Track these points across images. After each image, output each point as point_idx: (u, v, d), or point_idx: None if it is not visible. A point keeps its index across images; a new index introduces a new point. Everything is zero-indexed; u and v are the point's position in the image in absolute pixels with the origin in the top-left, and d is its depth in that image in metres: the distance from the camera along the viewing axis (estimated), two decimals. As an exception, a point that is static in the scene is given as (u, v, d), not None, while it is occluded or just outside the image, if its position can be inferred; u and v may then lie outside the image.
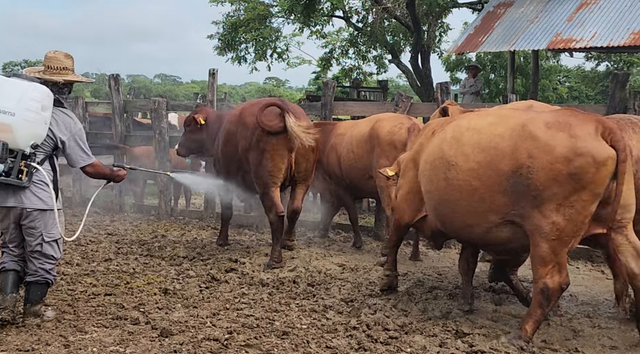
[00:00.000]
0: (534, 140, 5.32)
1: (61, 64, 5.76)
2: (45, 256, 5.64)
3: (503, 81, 27.51)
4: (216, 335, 5.34)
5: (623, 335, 5.79)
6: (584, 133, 5.23)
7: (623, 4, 16.28)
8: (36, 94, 5.35)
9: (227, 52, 25.17)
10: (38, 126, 5.40)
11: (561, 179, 5.19)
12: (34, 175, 5.46)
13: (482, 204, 5.59)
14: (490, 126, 5.68)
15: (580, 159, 5.16)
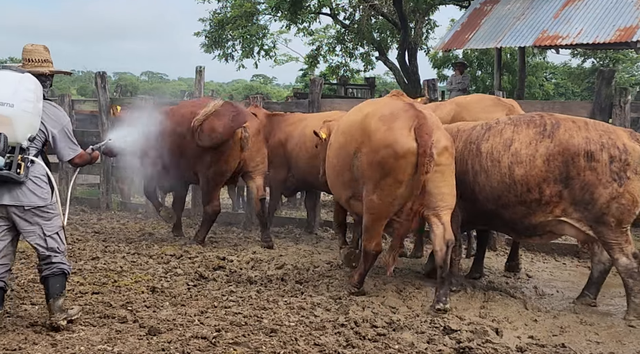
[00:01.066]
0: (366, 129, 6.35)
1: (42, 56, 5.68)
2: (51, 249, 5.48)
3: (490, 78, 27.63)
4: (204, 333, 5.33)
5: (609, 330, 5.83)
6: (397, 127, 6.16)
7: (608, 1, 16.38)
8: (30, 85, 5.27)
9: (214, 50, 25.15)
10: (34, 117, 5.31)
11: (374, 165, 6.23)
12: (30, 170, 5.34)
13: (341, 179, 6.81)
14: (354, 114, 6.80)
15: (385, 149, 6.14)
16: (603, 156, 6.04)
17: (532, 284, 7.36)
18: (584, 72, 36.94)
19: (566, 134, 6.21)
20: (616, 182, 6.01)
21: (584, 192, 6.12)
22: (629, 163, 6.03)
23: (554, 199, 6.25)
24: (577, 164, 6.10)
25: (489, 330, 5.60)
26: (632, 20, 15.44)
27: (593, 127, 6.22)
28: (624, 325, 5.97)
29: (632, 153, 6.05)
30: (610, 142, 6.08)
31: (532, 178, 6.27)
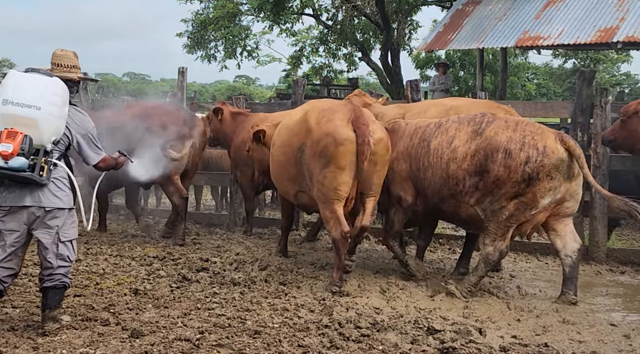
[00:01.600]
0: (308, 124, 6.92)
1: (71, 62, 5.71)
2: (60, 257, 5.43)
3: (472, 78, 27.75)
4: (187, 335, 5.30)
5: (591, 329, 5.87)
6: (336, 118, 6.76)
7: (589, 2, 16.50)
8: (58, 89, 5.29)
9: (197, 50, 25.08)
10: (60, 121, 5.32)
11: (317, 155, 6.74)
12: (52, 172, 5.34)
13: (287, 175, 7.33)
14: (296, 113, 7.44)
15: (326, 138, 6.69)
16: (520, 156, 6.30)
17: (515, 284, 7.39)
18: (565, 72, 37.25)
19: (492, 131, 6.52)
20: (525, 183, 6.30)
21: (495, 185, 6.44)
22: (543, 165, 6.27)
23: (470, 190, 6.61)
24: (495, 159, 6.40)
25: (473, 330, 5.61)
26: (612, 21, 15.56)
27: (521, 128, 6.47)
28: (606, 324, 6.02)
29: (550, 155, 6.28)
30: (532, 143, 6.32)
31: (460, 172, 6.65)
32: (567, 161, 6.36)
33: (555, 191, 6.40)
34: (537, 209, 6.44)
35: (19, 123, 5.11)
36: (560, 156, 6.31)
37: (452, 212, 6.92)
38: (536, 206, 6.41)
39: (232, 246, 8.89)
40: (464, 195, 6.66)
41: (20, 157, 5.07)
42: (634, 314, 6.48)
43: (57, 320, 5.50)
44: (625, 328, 5.92)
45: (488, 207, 6.53)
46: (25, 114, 5.12)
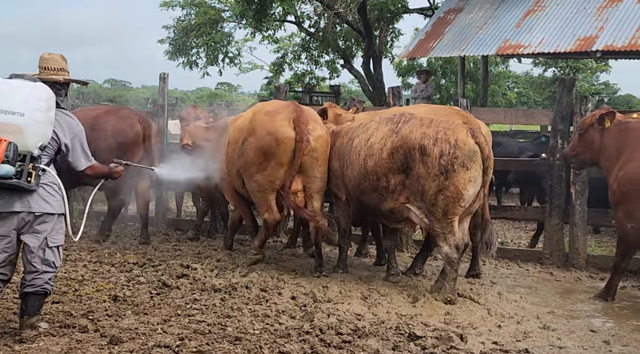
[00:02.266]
0: (253, 122, 7.60)
1: (58, 65, 5.68)
2: (46, 262, 5.39)
3: (454, 86, 27.90)
4: (167, 342, 5.26)
5: (571, 335, 5.90)
6: (278, 119, 7.43)
7: (569, 11, 16.64)
8: (42, 94, 5.25)
9: (178, 57, 25.02)
10: (46, 126, 5.28)
11: (259, 150, 7.45)
12: (41, 178, 5.31)
13: (235, 169, 7.92)
14: (246, 113, 8.05)
15: (268, 137, 7.40)
16: (434, 150, 6.61)
17: (496, 291, 7.41)
18: (545, 81, 37.53)
19: (408, 129, 6.85)
20: (443, 176, 6.57)
21: (418, 183, 6.73)
22: (456, 157, 6.55)
23: (398, 188, 6.91)
24: (413, 156, 6.72)
25: (454, 336, 5.61)
26: (591, 31, 15.70)
27: (435, 124, 6.78)
28: (586, 330, 6.06)
29: (462, 148, 6.57)
30: (444, 138, 6.63)
31: (379, 168, 6.99)
32: (479, 153, 6.64)
33: (476, 182, 6.67)
34: (464, 200, 6.67)
35: (2, 130, 5.05)
36: (471, 147, 6.60)
37: (375, 206, 7.22)
38: (462, 197, 6.65)
39: (213, 253, 8.83)
40: (390, 192, 6.97)
41: (4, 164, 5.03)
42: (614, 320, 6.51)
43: (35, 327, 5.43)
44: (605, 334, 5.95)
45: (422, 206, 6.80)
46: (8, 121, 5.07)
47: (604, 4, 16.40)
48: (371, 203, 7.24)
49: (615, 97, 46.00)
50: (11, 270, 5.43)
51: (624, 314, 6.71)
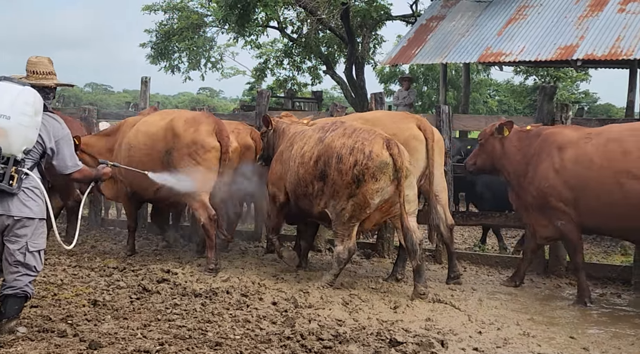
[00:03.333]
0: (174, 131, 8.24)
1: (47, 69, 5.72)
2: (26, 266, 5.39)
3: (435, 94, 28.02)
4: (147, 347, 5.22)
5: (550, 342, 5.93)
6: (202, 129, 8.18)
7: (550, 20, 16.76)
8: (29, 98, 5.26)
9: (160, 61, 24.92)
10: (31, 130, 5.28)
11: (186, 157, 8.10)
12: (23, 182, 5.30)
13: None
14: (159, 121, 8.54)
15: (195, 146, 8.11)
16: (350, 160, 7.01)
17: (476, 297, 7.43)
18: (526, 89, 37.75)
19: (331, 138, 7.27)
20: (354, 184, 6.98)
21: (333, 189, 7.16)
22: (368, 167, 6.93)
23: (319, 193, 7.34)
24: (330, 164, 7.14)
25: (435, 342, 5.62)
26: (572, 39, 15.83)
27: (356, 134, 7.16)
28: (565, 336, 6.09)
29: (375, 159, 6.94)
30: (360, 148, 7.00)
31: (308, 176, 7.40)
32: (392, 164, 6.96)
33: (383, 192, 7.03)
34: (370, 208, 7.10)
35: None
36: (384, 160, 6.94)
37: (308, 211, 7.64)
38: (369, 205, 7.07)
39: (194, 257, 8.79)
40: (315, 197, 7.41)
41: None
42: (593, 326, 6.55)
43: (13, 331, 5.40)
44: (584, 341, 5.99)
45: (333, 210, 7.23)
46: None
47: (585, 13, 16.54)
48: (305, 208, 7.68)
49: (594, 106, 46.39)
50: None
51: (603, 321, 6.76)
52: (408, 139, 7.72)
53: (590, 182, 7.02)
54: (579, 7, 16.85)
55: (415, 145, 7.75)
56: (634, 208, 6.76)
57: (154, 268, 8.02)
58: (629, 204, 6.78)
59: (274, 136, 8.47)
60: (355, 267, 8.82)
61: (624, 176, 6.78)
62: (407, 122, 7.93)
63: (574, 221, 7.26)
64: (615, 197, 6.84)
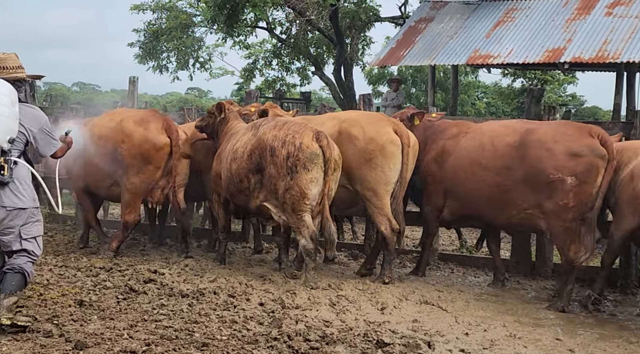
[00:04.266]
0: (125, 130, 8.51)
1: (16, 63, 5.88)
2: (24, 251, 5.62)
3: (424, 95, 28.08)
4: (133, 347, 5.20)
5: (537, 343, 5.95)
6: (152, 128, 8.49)
7: (538, 23, 16.85)
8: (4, 89, 5.47)
9: (148, 61, 24.83)
10: (12, 120, 5.48)
11: (136, 156, 8.43)
12: (13, 172, 5.46)
13: (102, 172, 8.70)
14: (109, 122, 8.77)
15: (146, 144, 8.44)
16: (282, 152, 7.27)
17: (463, 298, 7.45)
18: (514, 91, 37.85)
19: (263, 132, 7.51)
20: (289, 176, 7.25)
21: (270, 182, 7.39)
22: (299, 159, 7.21)
23: (257, 187, 7.60)
24: (265, 157, 7.39)
25: (422, 344, 5.63)
26: (559, 42, 15.92)
27: (287, 127, 7.44)
28: (551, 338, 6.11)
29: (305, 150, 7.22)
30: (291, 140, 7.27)
31: (242, 170, 7.67)
32: (321, 156, 7.25)
33: (317, 182, 7.31)
34: (309, 198, 7.32)
35: None
36: (314, 151, 7.23)
37: (244, 206, 7.96)
38: (306, 196, 7.30)
39: (181, 258, 8.77)
40: (252, 191, 7.67)
41: None
42: (579, 328, 6.58)
43: (12, 311, 5.50)
44: (570, 342, 6.02)
45: (276, 203, 7.47)
46: None
47: (572, 16, 16.65)
48: (241, 204, 7.98)
49: (581, 109, 46.54)
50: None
51: (589, 323, 6.79)
52: (385, 144, 7.72)
53: (459, 172, 7.72)
54: (567, 10, 16.96)
55: (393, 150, 7.73)
56: (485, 197, 7.53)
57: (140, 268, 8.00)
58: (481, 193, 7.55)
59: (221, 126, 8.71)
60: (342, 268, 8.83)
61: (477, 168, 7.50)
62: (384, 125, 7.87)
63: (440, 208, 8.03)
64: (472, 187, 7.59)
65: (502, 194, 7.39)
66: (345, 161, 7.72)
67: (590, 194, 6.95)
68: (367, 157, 7.70)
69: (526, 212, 7.32)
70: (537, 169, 7.12)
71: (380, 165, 7.69)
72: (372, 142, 7.69)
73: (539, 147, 7.13)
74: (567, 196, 6.96)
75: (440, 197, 7.97)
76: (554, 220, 7.10)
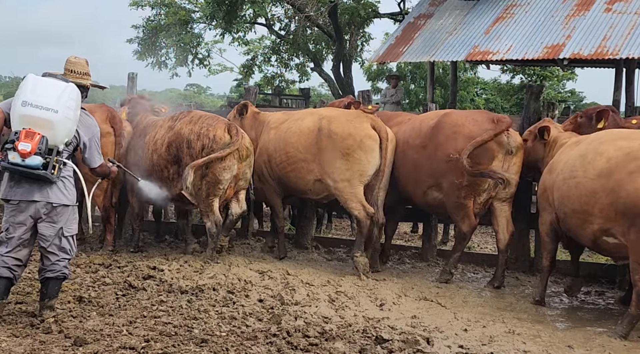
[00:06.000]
0: None
1: (84, 69, 6.14)
2: (62, 250, 5.82)
3: (423, 92, 28.02)
4: (132, 343, 5.21)
5: (535, 339, 5.96)
6: (96, 118, 7.52)
7: (537, 19, 16.80)
8: (73, 94, 5.69)
9: (147, 57, 24.74)
10: (73, 124, 5.73)
11: None
12: (62, 171, 5.70)
13: None
14: None
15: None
16: (197, 144, 8.00)
17: (462, 295, 7.46)
18: (513, 88, 37.82)
19: (180, 126, 8.20)
20: (204, 165, 7.88)
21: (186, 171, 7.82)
22: (213, 149, 7.91)
23: (175, 176, 8.23)
24: (182, 149, 8.10)
25: (420, 339, 5.64)
26: (559, 39, 15.88)
27: (201, 121, 8.15)
28: (549, 335, 6.11)
29: (218, 142, 7.95)
30: (205, 133, 8.00)
31: (162, 161, 8.33)
32: (234, 145, 7.95)
33: (230, 169, 8.03)
34: (222, 184, 8.06)
35: (36, 124, 5.49)
36: (226, 142, 7.96)
37: (167, 194, 8.33)
38: (220, 182, 8.03)
39: (180, 254, 8.76)
40: (171, 181, 8.27)
41: (36, 156, 5.47)
42: (577, 324, 6.59)
43: (53, 309, 5.88)
44: (569, 338, 6.02)
45: (192, 190, 7.98)
46: (43, 116, 5.50)
47: (572, 13, 16.60)
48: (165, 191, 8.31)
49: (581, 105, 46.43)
50: (26, 256, 5.80)
51: (587, 319, 6.81)
52: (364, 139, 8.01)
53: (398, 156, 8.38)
54: (566, 7, 16.89)
55: (371, 144, 8.03)
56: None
57: (140, 264, 7.99)
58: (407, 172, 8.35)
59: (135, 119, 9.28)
60: (341, 264, 8.83)
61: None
62: (362, 121, 8.17)
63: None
64: (403, 168, 8.25)
65: (416, 172, 8.15)
66: (324, 156, 8.13)
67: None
68: (345, 152, 8.03)
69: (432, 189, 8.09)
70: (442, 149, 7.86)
71: (358, 159, 8.03)
72: (350, 137, 8.00)
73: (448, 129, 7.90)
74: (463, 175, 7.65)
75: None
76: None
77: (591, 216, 6.30)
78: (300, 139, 8.37)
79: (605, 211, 6.16)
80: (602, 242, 6.37)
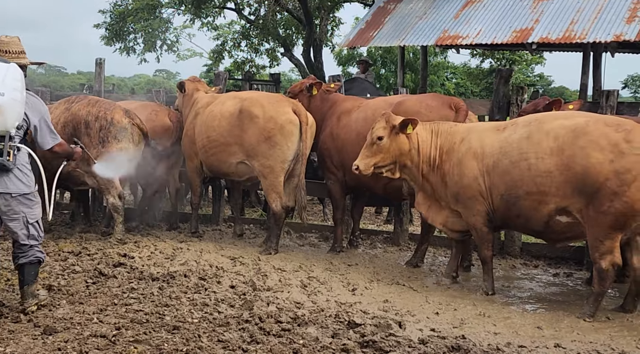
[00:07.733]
0: None
1: (19, 48, 5.89)
2: (31, 237, 5.72)
3: (393, 76, 28.09)
4: (103, 331, 5.17)
5: (505, 322, 6.02)
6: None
7: (506, 3, 16.88)
8: (17, 74, 5.43)
9: (115, 43, 24.45)
10: (21, 105, 5.49)
11: None
12: (16, 157, 5.53)
13: None
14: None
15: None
16: (96, 125, 8.46)
17: (433, 278, 7.51)
18: (482, 72, 38.10)
19: (77, 108, 8.57)
20: (101, 145, 8.42)
21: (89, 150, 8.19)
22: (110, 131, 8.46)
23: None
24: (79, 129, 8.47)
25: (392, 323, 5.67)
26: (527, 23, 15.96)
27: (99, 104, 8.67)
28: (519, 317, 6.18)
29: (116, 125, 8.49)
30: (103, 115, 8.49)
31: None
32: (129, 129, 8.58)
33: (127, 151, 8.53)
34: (121, 164, 8.35)
35: None
36: (123, 125, 8.54)
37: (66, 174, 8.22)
38: (123, 164, 8.40)
39: (151, 241, 8.70)
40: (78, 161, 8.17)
41: None
42: (546, 306, 6.67)
43: (35, 295, 5.71)
44: (538, 319, 6.10)
45: (87, 169, 8.41)
46: None
47: (540, -3, 16.70)
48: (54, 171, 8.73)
49: (549, 89, 46.98)
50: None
51: (556, 301, 6.89)
52: (284, 123, 8.16)
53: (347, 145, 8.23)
54: (535, -9, 16.99)
55: (291, 129, 8.18)
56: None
57: (110, 251, 7.92)
58: None
59: None
60: (313, 250, 8.84)
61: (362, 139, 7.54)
62: (284, 105, 8.31)
63: (339, 181, 8.56)
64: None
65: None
66: (246, 138, 8.29)
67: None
68: (267, 135, 8.16)
69: None
70: None
71: (278, 143, 8.15)
72: (271, 120, 8.15)
73: None
74: None
75: (340, 170, 8.52)
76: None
77: (547, 195, 6.31)
78: (222, 122, 8.52)
79: (562, 188, 6.20)
80: (554, 222, 6.41)
